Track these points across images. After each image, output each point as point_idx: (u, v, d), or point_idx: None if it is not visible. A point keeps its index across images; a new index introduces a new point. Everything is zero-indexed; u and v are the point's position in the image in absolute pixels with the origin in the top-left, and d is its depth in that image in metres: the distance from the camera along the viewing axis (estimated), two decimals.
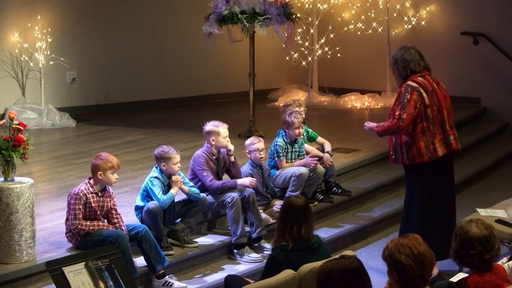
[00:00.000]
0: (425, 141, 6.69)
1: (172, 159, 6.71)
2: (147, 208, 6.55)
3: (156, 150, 6.81)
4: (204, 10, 9.97)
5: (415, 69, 6.79)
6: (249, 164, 7.53)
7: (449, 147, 6.79)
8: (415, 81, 6.74)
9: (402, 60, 6.83)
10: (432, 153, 6.69)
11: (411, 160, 6.76)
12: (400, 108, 6.65)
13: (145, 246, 6.23)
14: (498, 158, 10.67)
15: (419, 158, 6.71)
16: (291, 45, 10.15)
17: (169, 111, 12.19)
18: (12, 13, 11.17)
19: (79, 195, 6.14)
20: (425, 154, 6.69)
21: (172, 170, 6.73)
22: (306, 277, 5.01)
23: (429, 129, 6.69)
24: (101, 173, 6.19)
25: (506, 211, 6.80)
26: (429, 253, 4.21)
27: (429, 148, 6.69)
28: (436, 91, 6.78)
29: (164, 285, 6.23)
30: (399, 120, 6.62)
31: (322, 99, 12.73)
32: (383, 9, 12.40)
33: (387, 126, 6.74)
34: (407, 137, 6.72)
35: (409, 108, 6.62)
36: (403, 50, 6.89)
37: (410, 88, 6.68)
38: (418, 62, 6.83)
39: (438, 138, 6.72)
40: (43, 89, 11.20)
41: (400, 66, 6.83)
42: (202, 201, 6.86)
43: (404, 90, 6.71)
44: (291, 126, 7.75)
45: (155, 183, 6.65)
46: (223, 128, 7.16)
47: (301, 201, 5.45)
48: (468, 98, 12.22)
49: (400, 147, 6.79)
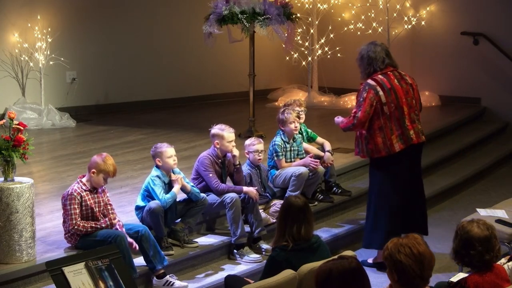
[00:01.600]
0: (382, 137, 6.96)
1: (164, 153, 6.69)
2: (149, 208, 6.54)
3: (151, 150, 6.83)
4: (204, 10, 9.97)
5: (378, 66, 7.00)
6: (247, 165, 7.53)
7: (407, 142, 6.99)
8: (374, 79, 6.97)
9: (367, 57, 7.05)
10: (389, 148, 6.96)
11: (369, 154, 7.08)
12: (356, 106, 6.99)
13: (145, 246, 6.22)
14: (498, 158, 10.66)
15: (377, 153, 7.01)
16: (291, 45, 10.15)
17: (169, 111, 12.19)
18: (12, 13, 11.17)
19: (73, 195, 6.12)
20: (382, 149, 6.98)
21: (168, 164, 6.70)
22: (306, 277, 5.01)
23: (386, 125, 6.95)
24: (94, 171, 6.18)
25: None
26: (429, 253, 4.21)
27: (386, 144, 6.96)
28: (396, 88, 6.97)
29: (165, 284, 6.22)
30: (354, 118, 6.98)
31: (322, 99, 12.73)
32: (383, 9, 12.39)
33: (345, 123, 7.10)
34: (366, 133, 7.01)
35: (364, 107, 6.91)
36: (369, 47, 7.08)
37: (368, 86, 6.95)
38: (383, 59, 7.02)
39: (395, 134, 6.96)
40: (43, 89, 11.21)
41: (364, 62, 7.07)
42: (202, 201, 6.86)
43: (362, 88, 6.99)
44: (286, 122, 7.76)
45: (156, 182, 6.65)
46: (228, 133, 7.12)
47: (300, 201, 5.45)
48: (468, 98, 12.23)
49: (361, 141, 7.12)
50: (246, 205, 7.06)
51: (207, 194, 7.00)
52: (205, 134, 8.07)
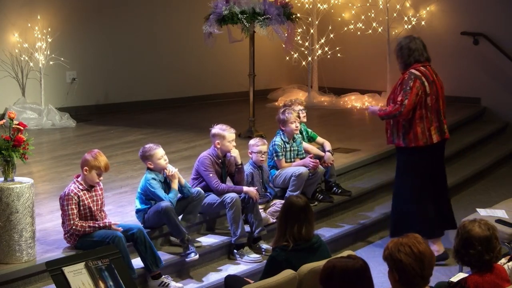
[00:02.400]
0: (421, 127, 7.12)
1: (154, 155, 6.65)
2: (160, 209, 6.45)
3: (139, 152, 6.77)
4: (204, 10, 9.97)
5: (418, 59, 7.17)
6: (250, 164, 7.53)
7: (442, 135, 7.25)
8: (418, 69, 7.13)
9: (407, 48, 7.21)
10: (428, 139, 7.14)
11: (406, 143, 7.18)
12: (403, 94, 7.05)
13: (140, 247, 6.19)
14: (498, 158, 10.66)
15: (415, 142, 7.14)
16: (291, 45, 10.15)
17: (169, 111, 12.19)
18: (12, 13, 11.17)
19: (70, 195, 6.11)
20: (421, 139, 7.13)
21: (160, 165, 6.65)
22: (306, 277, 5.01)
23: (426, 116, 7.12)
24: (87, 169, 6.17)
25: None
26: (429, 252, 4.21)
27: (425, 134, 7.14)
28: (435, 82, 7.19)
29: (160, 285, 6.21)
30: (401, 106, 7.04)
31: (322, 99, 12.73)
32: (383, 9, 12.39)
33: (389, 111, 7.15)
34: (405, 122, 7.13)
35: (411, 95, 7.02)
36: (409, 39, 7.28)
37: (413, 76, 7.08)
38: (422, 52, 7.21)
39: (434, 125, 7.17)
40: (43, 89, 11.21)
41: (405, 53, 7.21)
42: (198, 195, 6.79)
43: (407, 77, 7.10)
44: (287, 122, 7.77)
45: (154, 184, 6.60)
46: (229, 133, 7.13)
47: (301, 200, 5.45)
48: (468, 98, 12.23)
49: (397, 129, 7.21)
50: (246, 205, 7.06)
51: (207, 194, 7.00)
52: (205, 134, 8.07)
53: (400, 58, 7.26)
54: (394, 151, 9.46)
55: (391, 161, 9.46)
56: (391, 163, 9.42)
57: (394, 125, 7.24)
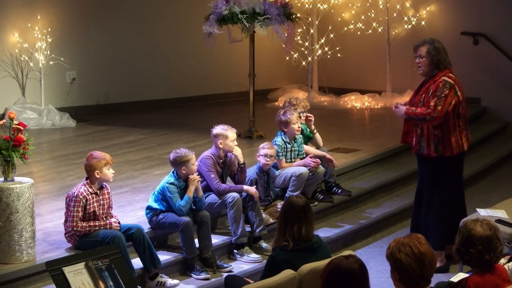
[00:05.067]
0: (455, 137, 6.99)
1: (190, 160, 6.67)
2: (181, 223, 6.46)
3: (171, 156, 6.71)
4: (204, 10, 9.97)
5: (449, 64, 7.05)
6: (256, 168, 7.50)
7: (468, 141, 7.17)
8: (450, 77, 6.97)
9: (444, 52, 7.07)
10: (460, 148, 7.03)
11: (440, 153, 6.99)
12: (436, 100, 6.84)
13: (139, 247, 6.20)
14: (498, 158, 10.66)
15: (449, 151, 6.98)
16: (291, 45, 10.15)
17: (169, 111, 12.18)
18: (12, 13, 11.17)
19: (79, 198, 6.11)
20: (455, 148, 7.00)
21: (191, 171, 6.70)
22: (306, 277, 5.01)
23: (459, 124, 7.02)
24: (98, 172, 6.17)
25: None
26: (430, 253, 4.20)
27: (458, 143, 7.02)
28: (461, 89, 7.05)
29: (157, 285, 6.21)
30: (434, 111, 6.84)
31: (322, 99, 12.73)
32: (383, 9, 12.39)
33: (419, 112, 6.91)
34: (438, 131, 6.94)
35: (444, 103, 6.85)
36: (438, 42, 7.10)
37: (448, 84, 6.91)
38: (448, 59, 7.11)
39: (464, 133, 7.08)
40: (43, 89, 11.20)
41: (442, 56, 7.03)
42: (204, 219, 6.71)
43: (442, 85, 6.90)
44: (289, 123, 7.76)
45: (171, 189, 6.59)
46: (231, 132, 7.14)
47: (301, 200, 5.44)
48: (468, 98, 12.07)
49: (427, 139, 6.99)
50: (247, 204, 7.06)
51: (207, 194, 7.00)
52: (205, 134, 8.08)
53: (434, 58, 6.96)
54: (394, 151, 9.55)
55: (391, 161, 9.49)
56: (391, 163, 9.45)
57: (422, 135, 7.00)
